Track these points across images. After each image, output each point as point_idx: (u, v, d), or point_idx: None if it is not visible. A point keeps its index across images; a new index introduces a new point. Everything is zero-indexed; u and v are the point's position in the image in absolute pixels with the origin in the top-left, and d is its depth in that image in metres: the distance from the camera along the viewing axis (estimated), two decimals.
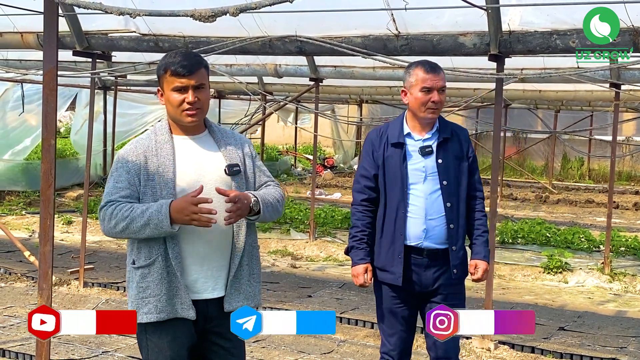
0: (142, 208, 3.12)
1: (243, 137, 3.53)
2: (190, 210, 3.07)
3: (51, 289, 3.31)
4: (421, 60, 4.14)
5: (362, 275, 4.09)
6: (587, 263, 9.91)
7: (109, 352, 5.88)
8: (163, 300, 3.19)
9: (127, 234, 3.16)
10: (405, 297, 4.12)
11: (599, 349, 6.33)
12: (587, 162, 23.27)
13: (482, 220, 4.17)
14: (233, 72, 10.63)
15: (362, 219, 4.12)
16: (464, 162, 4.11)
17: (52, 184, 3.17)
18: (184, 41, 7.32)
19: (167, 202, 3.11)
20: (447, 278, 4.07)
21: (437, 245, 4.04)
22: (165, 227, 3.09)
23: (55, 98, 3.16)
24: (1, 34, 8.04)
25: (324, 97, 18.72)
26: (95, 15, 7.38)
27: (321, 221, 11.99)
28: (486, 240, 4.16)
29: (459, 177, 4.08)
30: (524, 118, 22.40)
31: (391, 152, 4.08)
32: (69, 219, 12.18)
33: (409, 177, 4.03)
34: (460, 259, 4.08)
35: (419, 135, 4.11)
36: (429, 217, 4.02)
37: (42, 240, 3.24)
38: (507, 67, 8.88)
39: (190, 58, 3.22)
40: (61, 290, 7.73)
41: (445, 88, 4.07)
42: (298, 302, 7.61)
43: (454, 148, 4.10)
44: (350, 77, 10.58)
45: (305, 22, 7.06)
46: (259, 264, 3.49)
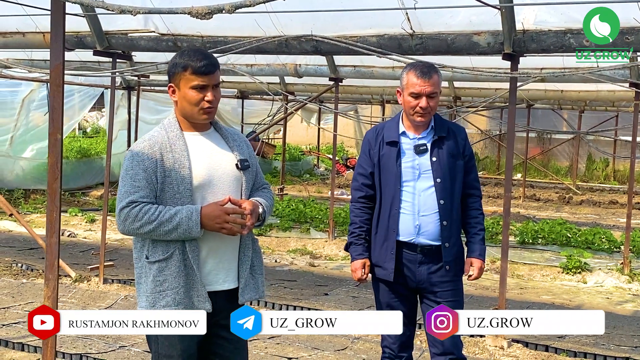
0: (170, 213, 3.18)
1: (244, 136, 3.65)
2: (223, 219, 3.21)
3: (57, 279, 3.39)
4: (415, 63, 4.19)
5: (360, 270, 4.19)
6: (607, 263, 9.87)
7: (126, 347, 5.96)
8: (181, 293, 3.25)
9: (149, 236, 3.23)
10: (402, 291, 4.19)
11: (613, 348, 6.32)
12: (612, 163, 23.07)
13: (478, 218, 4.21)
14: (254, 72, 10.72)
15: (360, 215, 4.23)
16: (459, 161, 4.15)
17: (59, 177, 3.24)
18: (202, 41, 7.41)
19: (197, 209, 3.19)
20: (441, 275, 4.12)
21: (431, 242, 4.09)
22: (195, 233, 3.19)
23: (62, 94, 3.24)
24: (24, 34, 8.18)
25: (346, 98, 18.76)
26: (115, 16, 7.49)
27: (341, 220, 12.04)
28: (482, 239, 4.20)
29: (453, 175, 4.12)
30: (548, 118, 22.28)
31: (386, 150, 4.15)
32: (92, 217, 12.34)
33: (403, 174, 4.10)
34: (453, 256, 4.12)
35: (414, 134, 4.16)
36: (421, 214, 4.08)
37: (48, 232, 3.32)
38: (527, 66, 8.94)
39: (210, 58, 3.31)
40: (81, 287, 7.85)
41: (435, 94, 4.06)
42: (314, 300, 7.67)
43: (449, 146, 4.13)
44: (370, 76, 10.62)
45: (320, 21, 7.12)
46: (262, 256, 3.57)
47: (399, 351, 4.25)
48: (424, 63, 4.16)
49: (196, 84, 3.26)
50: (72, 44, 7.94)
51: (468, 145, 4.23)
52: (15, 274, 8.43)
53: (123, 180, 3.26)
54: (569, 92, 13.46)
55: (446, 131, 4.16)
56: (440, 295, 4.12)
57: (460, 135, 4.21)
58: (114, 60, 8.18)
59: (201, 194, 3.29)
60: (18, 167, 14.56)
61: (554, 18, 6.18)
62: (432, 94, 4.04)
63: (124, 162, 3.31)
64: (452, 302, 4.01)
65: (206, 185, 3.30)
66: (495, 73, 6.98)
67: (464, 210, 4.20)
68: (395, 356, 4.27)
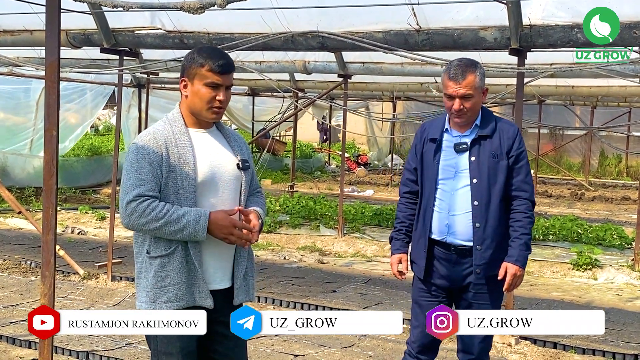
0: (178, 213, 3.17)
1: (243, 137, 3.66)
2: (230, 231, 3.23)
3: (54, 277, 3.38)
4: (453, 62, 4.01)
5: (396, 265, 4.16)
6: (618, 260, 9.80)
7: (132, 344, 5.97)
8: (183, 289, 3.24)
9: (153, 233, 3.22)
10: (434, 291, 4.11)
11: (622, 345, 6.27)
12: (625, 159, 22.94)
13: (522, 222, 3.97)
14: (262, 69, 10.70)
15: (404, 210, 4.22)
16: (502, 161, 3.96)
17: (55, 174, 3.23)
18: (209, 37, 7.40)
19: (205, 214, 3.19)
20: (476, 278, 4.00)
21: (464, 242, 4.00)
22: (200, 237, 3.20)
23: (57, 90, 3.23)
24: (32, 32, 8.19)
25: (356, 94, 18.72)
26: (122, 13, 7.48)
27: (350, 217, 12.01)
28: (523, 244, 3.96)
29: (493, 176, 3.95)
30: (560, 115, 22.17)
31: (428, 147, 4.10)
32: (102, 215, 12.36)
33: (440, 172, 4.03)
34: (487, 259, 3.96)
35: (458, 131, 4.07)
36: (452, 213, 4.00)
37: (44, 229, 3.31)
38: (537, 62, 8.87)
39: (228, 58, 3.33)
40: (89, 284, 7.86)
41: (470, 95, 3.90)
42: (322, 297, 7.65)
43: (492, 146, 3.97)
44: (379, 73, 10.59)
45: (327, 17, 7.10)
46: (254, 259, 3.58)
47: (418, 352, 4.17)
48: (460, 62, 3.96)
49: (211, 81, 3.27)
50: (79, 41, 7.96)
51: (517, 145, 4.01)
52: (24, 272, 8.45)
53: (128, 173, 3.23)
54: (579, 87, 13.36)
55: (491, 130, 4.00)
56: (473, 298, 4.03)
57: (507, 134, 4.00)
58: (121, 58, 8.19)
59: (203, 191, 3.29)
60: (29, 165, 14.63)
61: (561, 12, 6.13)
62: (466, 96, 3.90)
63: (127, 155, 3.29)
64: (485, 307, 3.96)
65: (208, 183, 3.30)
66: (502, 69, 6.93)
67: (505, 212, 4.01)
68: (414, 356, 4.20)
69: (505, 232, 4.01)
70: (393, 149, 23.31)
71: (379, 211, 12.40)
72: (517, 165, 4.01)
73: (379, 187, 18.82)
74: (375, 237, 11.17)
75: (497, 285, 4.01)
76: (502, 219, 4.00)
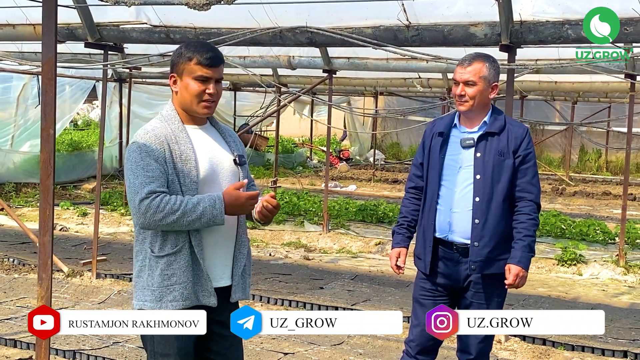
0: (192, 202, 3.14)
1: (236, 133, 3.64)
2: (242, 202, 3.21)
3: (51, 279, 3.31)
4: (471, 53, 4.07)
5: (394, 259, 4.15)
6: (602, 255, 9.84)
7: (120, 343, 5.90)
8: (189, 288, 3.21)
9: (172, 227, 3.15)
10: (437, 290, 4.08)
11: (611, 341, 6.28)
12: (604, 154, 23.09)
13: (525, 224, 3.92)
14: (247, 64, 10.63)
15: (407, 205, 4.21)
16: (508, 160, 3.92)
17: (52, 173, 3.16)
18: (195, 32, 7.32)
19: (219, 197, 3.17)
20: (474, 274, 3.97)
21: (465, 240, 3.96)
22: (219, 221, 3.17)
23: (54, 88, 3.15)
24: (14, 25, 8.07)
25: (339, 89, 18.69)
26: (107, 8, 7.40)
27: (335, 213, 11.98)
28: (526, 245, 3.90)
29: (497, 174, 3.91)
30: (541, 110, 22.27)
31: (435, 141, 4.08)
32: (84, 211, 12.23)
33: (444, 167, 4.01)
34: (483, 257, 3.92)
35: (467, 127, 4.05)
36: (453, 210, 3.97)
37: (41, 230, 3.24)
38: (521, 58, 8.87)
39: (216, 51, 3.29)
40: (74, 282, 7.77)
41: (473, 82, 3.90)
42: (310, 294, 7.61)
43: (499, 144, 3.93)
44: (364, 68, 10.54)
45: (315, 12, 7.04)
46: (251, 257, 3.54)
47: (417, 352, 4.13)
48: (475, 53, 4.01)
49: (200, 75, 3.23)
50: (63, 35, 7.84)
51: (525, 145, 3.97)
52: (7, 269, 8.33)
53: (134, 173, 3.16)
54: (562, 83, 13.43)
55: (499, 128, 3.96)
56: (473, 297, 4.00)
57: (515, 134, 3.96)
58: (106, 52, 8.09)
59: (204, 187, 3.26)
60: (9, 161, 14.45)
61: (552, 9, 6.13)
62: (469, 82, 3.91)
63: (129, 155, 3.22)
64: (484, 307, 3.94)
65: (209, 179, 3.28)
66: None
67: (509, 212, 3.97)
68: (412, 356, 4.16)
69: (506, 232, 3.96)
70: (375, 144, 23.29)
71: (363, 207, 12.37)
72: (524, 166, 3.97)
73: (362, 182, 18.81)
74: (360, 233, 11.15)
75: (498, 285, 3.99)
76: (504, 218, 3.95)
